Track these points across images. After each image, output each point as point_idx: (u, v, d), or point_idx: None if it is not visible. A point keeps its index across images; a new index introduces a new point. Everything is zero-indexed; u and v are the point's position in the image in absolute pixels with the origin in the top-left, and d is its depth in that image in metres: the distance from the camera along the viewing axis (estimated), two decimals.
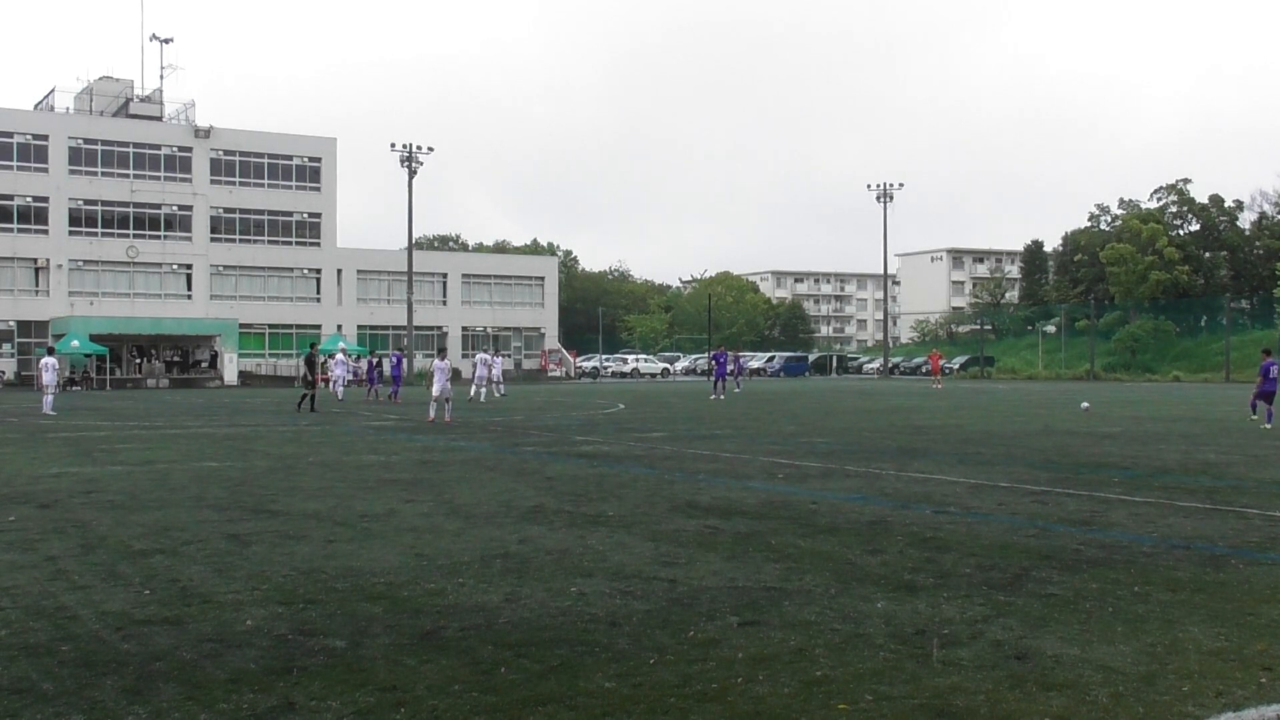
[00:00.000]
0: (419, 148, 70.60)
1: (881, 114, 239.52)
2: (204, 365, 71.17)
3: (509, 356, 77.41)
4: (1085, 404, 34.36)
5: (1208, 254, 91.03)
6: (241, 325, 71.42)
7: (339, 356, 47.41)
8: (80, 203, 70.21)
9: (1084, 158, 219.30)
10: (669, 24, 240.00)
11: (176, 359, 71.89)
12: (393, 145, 70.44)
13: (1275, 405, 25.93)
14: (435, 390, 28.60)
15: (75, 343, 62.74)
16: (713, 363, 48.56)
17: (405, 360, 48.27)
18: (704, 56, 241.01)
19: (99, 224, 70.79)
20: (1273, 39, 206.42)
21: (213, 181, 74.01)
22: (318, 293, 78.00)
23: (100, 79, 75.70)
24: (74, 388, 60.74)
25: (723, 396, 43.83)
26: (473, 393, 41.60)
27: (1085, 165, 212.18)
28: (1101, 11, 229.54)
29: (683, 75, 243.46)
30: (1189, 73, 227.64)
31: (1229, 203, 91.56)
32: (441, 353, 33.61)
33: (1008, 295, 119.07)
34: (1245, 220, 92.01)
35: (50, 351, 36.72)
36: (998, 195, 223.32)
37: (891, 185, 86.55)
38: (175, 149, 73.17)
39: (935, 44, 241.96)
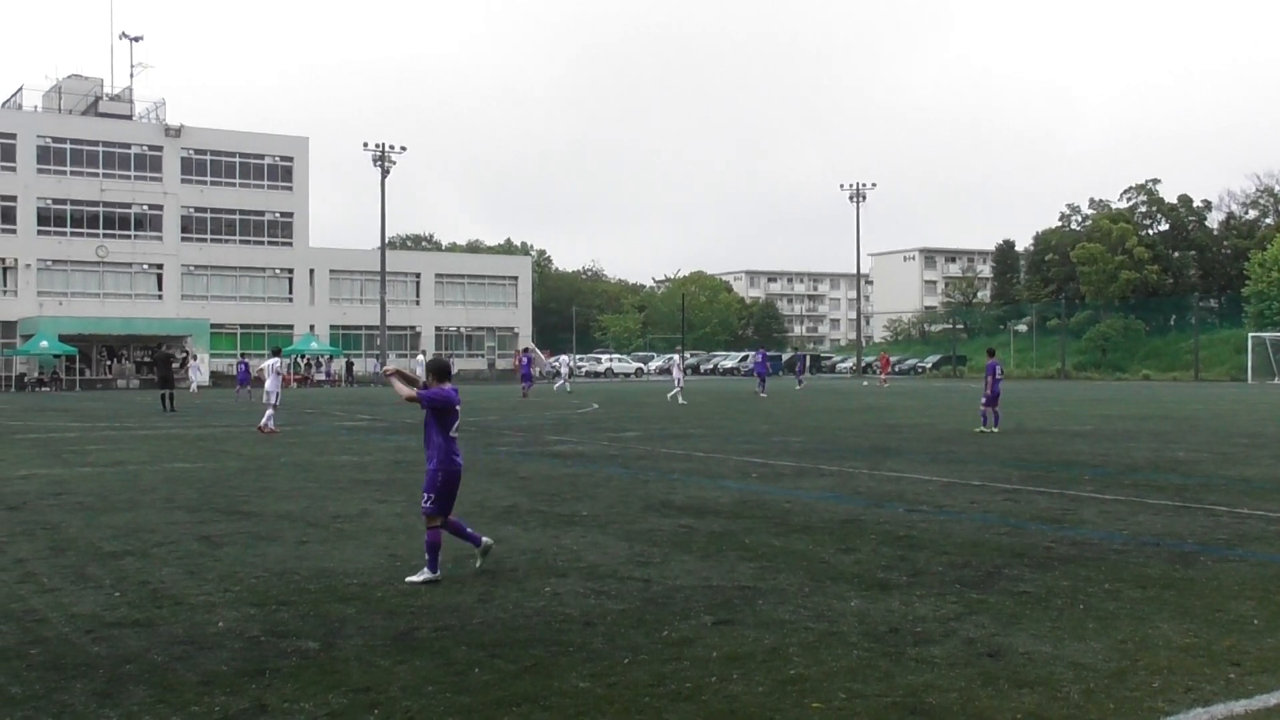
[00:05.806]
0: (391, 147, 70.37)
1: (854, 115, 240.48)
2: (176, 366, 70.50)
3: (482, 356, 77.24)
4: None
5: (1177, 253, 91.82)
6: (213, 325, 70.92)
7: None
8: (49, 202, 69.47)
9: (1056, 158, 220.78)
10: (637, 24, 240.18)
11: (147, 359, 71.27)
12: (365, 145, 70.24)
13: (1001, 407, 25.08)
14: (268, 394, 24.87)
15: (44, 343, 62.15)
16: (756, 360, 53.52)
17: (532, 358, 48.42)
18: (674, 57, 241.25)
19: (68, 223, 70.09)
20: (1248, 41, 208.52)
21: (184, 181, 73.41)
22: (290, 293, 77.51)
23: (69, 77, 74.91)
24: (43, 388, 60.18)
25: (763, 394, 45.23)
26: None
27: (1057, 165, 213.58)
28: (1075, 13, 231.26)
29: (652, 75, 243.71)
30: (1165, 72, 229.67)
31: (1197, 203, 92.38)
32: (271, 351, 26.96)
33: (980, 294, 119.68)
34: (1213, 220, 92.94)
35: None
36: (969, 195, 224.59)
37: (864, 185, 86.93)
38: (145, 148, 72.52)
39: (906, 46, 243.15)
